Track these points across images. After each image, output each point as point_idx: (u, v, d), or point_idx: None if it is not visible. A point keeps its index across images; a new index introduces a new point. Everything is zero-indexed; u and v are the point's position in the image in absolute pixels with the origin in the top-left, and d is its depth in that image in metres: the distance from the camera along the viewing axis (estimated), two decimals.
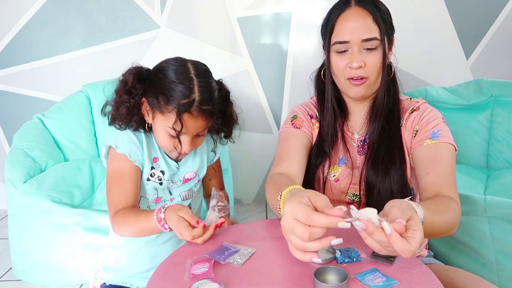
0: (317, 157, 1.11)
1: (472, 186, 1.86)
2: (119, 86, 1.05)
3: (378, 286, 0.70)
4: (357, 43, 0.99)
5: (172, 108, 0.98)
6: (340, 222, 0.65)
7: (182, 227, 0.89)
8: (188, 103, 0.97)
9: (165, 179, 1.10)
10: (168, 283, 0.76)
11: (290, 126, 1.14)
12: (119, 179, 1.04)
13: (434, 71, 2.41)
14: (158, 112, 1.01)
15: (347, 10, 1.01)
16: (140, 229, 0.98)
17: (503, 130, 2.05)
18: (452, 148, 0.98)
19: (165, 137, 1.03)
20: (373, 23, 0.99)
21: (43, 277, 1.82)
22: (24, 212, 1.74)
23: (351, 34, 0.99)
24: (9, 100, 2.53)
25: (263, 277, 0.76)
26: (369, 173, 1.04)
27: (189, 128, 1.00)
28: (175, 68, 1.00)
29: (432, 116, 1.03)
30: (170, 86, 0.98)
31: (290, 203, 0.70)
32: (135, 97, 1.03)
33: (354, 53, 0.99)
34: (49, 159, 1.96)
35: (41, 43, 2.45)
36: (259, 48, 2.44)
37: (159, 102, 0.99)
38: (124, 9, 2.40)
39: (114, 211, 1.02)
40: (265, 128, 2.57)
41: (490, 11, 2.33)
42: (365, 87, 1.03)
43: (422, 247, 1.14)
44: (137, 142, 1.06)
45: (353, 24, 0.99)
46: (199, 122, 1.01)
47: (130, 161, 1.04)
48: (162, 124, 1.01)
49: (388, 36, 1.03)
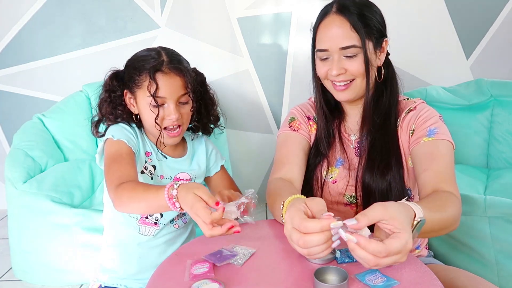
0: (315, 157, 1.12)
1: (472, 186, 1.86)
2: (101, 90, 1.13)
3: (378, 286, 0.70)
4: (336, 51, 0.99)
5: (145, 75, 1.03)
6: (332, 222, 0.67)
7: (200, 208, 0.78)
8: (158, 64, 1.02)
9: (155, 175, 1.10)
10: (168, 283, 0.76)
11: (288, 129, 1.14)
12: (118, 157, 1.01)
13: (434, 71, 2.41)
14: (136, 89, 1.05)
15: (326, 18, 1.01)
16: (146, 204, 0.89)
17: (503, 130, 2.05)
18: (449, 145, 0.98)
19: (148, 112, 1.04)
20: (352, 30, 0.97)
21: (43, 277, 1.82)
22: (24, 212, 1.74)
23: (330, 42, 1.00)
24: (9, 100, 2.53)
25: (263, 277, 0.76)
26: (365, 175, 1.04)
27: (166, 88, 1.02)
28: (142, 50, 1.09)
29: (429, 114, 1.03)
30: (140, 60, 1.05)
31: (288, 212, 0.74)
32: (115, 91, 1.09)
33: (334, 60, 1.00)
34: (49, 159, 1.96)
35: (41, 43, 2.45)
36: (259, 48, 2.44)
37: (134, 79, 1.04)
38: (124, 9, 2.40)
39: (116, 183, 0.93)
40: (265, 128, 2.57)
41: (490, 11, 2.33)
42: (350, 90, 1.03)
43: (422, 247, 1.14)
44: (132, 131, 1.09)
45: (331, 32, 1.00)
46: (174, 80, 1.03)
47: (128, 147, 1.04)
48: (143, 99, 1.04)
49: (374, 41, 1.00)
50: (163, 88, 1.02)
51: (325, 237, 0.68)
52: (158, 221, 1.11)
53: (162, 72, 1.02)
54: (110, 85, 1.10)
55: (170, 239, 1.15)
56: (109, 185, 0.96)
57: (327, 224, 0.67)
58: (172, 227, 1.15)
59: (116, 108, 1.10)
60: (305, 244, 0.68)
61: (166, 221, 1.12)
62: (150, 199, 0.87)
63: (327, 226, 0.67)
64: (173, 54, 1.08)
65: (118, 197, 0.92)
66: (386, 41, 1.04)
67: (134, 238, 1.12)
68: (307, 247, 0.69)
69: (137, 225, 1.11)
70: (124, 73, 1.10)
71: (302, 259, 0.80)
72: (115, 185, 0.93)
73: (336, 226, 0.67)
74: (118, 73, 1.12)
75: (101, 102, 1.12)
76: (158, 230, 1.12)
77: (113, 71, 1.12)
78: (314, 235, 0.68)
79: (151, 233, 1.12)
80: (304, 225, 0.69)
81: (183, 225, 1.18)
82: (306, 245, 0.69)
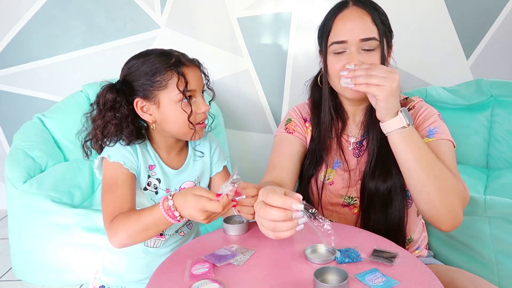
0: (311, 159, 1.11)
1: (472, 186, 1.86)
2: (96, 111, 1.01)
3: (378, 286, 0.70)
4: (355, 43, 0.97)
5: (170, 72, 0.97)
6: (294, 204, 0.71)
7: (205, 202, 0.80)
8: (177, 59, 0.98)
9: (160, 188, 1.05)
10: (168, 283, 0.76)
11: (284, 131, 1.14)
12: (113, 186, 0.95)
13: (434, 71, 2.41)
14: (159, 90, 0.97)
15: (345, 10, 1.00)
16: (143, 227, 0.86)
17: (503, 130, 2.05)
18: (450, 144, 0.98)
19: (179, 112, 0.97)
20: (372, 23, 0.97)
21: (43, 277, 1.82)
22: (24, 212, 1.74)
23: (349, 33, 0.97)
24: (9, 100, 2.53)
25: (263, 277, 0.76)
26: (366, 178, 1.03)
27: (194, 80, 0.98)
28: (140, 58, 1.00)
29: (428, 113, 1.03)
30: (150, 63, 0.97)
31: (262, 189, 0.77)
32: (120, 108, 0.99)
33: (352, 53, 0.97)
34: (49, 159, 1.96)
35: (41, 43, 2.45)
36: (259, 48, 2.44)
37: (155, 81, 0.96)
38: (124, 9, 2.40)
39: (110, 219, 0.89)
40: (265, 128, 2.57)
41: (490, 11, 2.33)
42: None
43: (422, 247, 1.14)
44: (130, 150, 1.00)
45: (351, 23, 0.98)
46: (197, 72, 1.01)
47: (125, 169, 0.97)
48: (169, 98, 0.97)
49: (387, 39, 1.02)
50: (192, 81, 0.98)
51: (284, 214, 0.71)
52: (163, 233, 1.09)
53: (186, 66, 0.98)
54: (112, 101, 0.98)
55: (177, 247, 1.12)
56: (104, 220, 0.93)
57: (290, 203, 0.71)
58: (178, 236, 1.13)
59: (123, 130, 0.99)
60: (265, 214, 0.72)
61: (172, 232, 1.10)
62: (146, 219, 0.86)
63: (289, 205, 0.71)
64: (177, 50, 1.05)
65: (113, 231, 0.88)
66: (393, 43, 1.05)
67: (141, 249, 1.09)
68: (267, 218, 0.72)
69: None
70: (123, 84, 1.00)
71: (302, 259, 0.80)
72: (109, 221, 0.90)
73: (297, 208, 0.71)
74: (113, 86, 1.00)
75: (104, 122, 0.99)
76: (164, 241, 1.10)
77: (107, 85, 1.00)
78: (274, 208, 0.71)
79: (157, 245, 1.09)
80: (270, 196, 0.72)
81: (189, 231, 1.15)
82: (266, 216, 0.72)
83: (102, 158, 1.00)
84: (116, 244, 0.88)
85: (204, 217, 0.83)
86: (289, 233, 0.72)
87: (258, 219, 0.76)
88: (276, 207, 0.72)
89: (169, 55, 0.99)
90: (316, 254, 0.81)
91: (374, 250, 0.81)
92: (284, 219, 0.71)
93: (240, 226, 0.93)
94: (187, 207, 0.82)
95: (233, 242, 0.89)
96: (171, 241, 1.11)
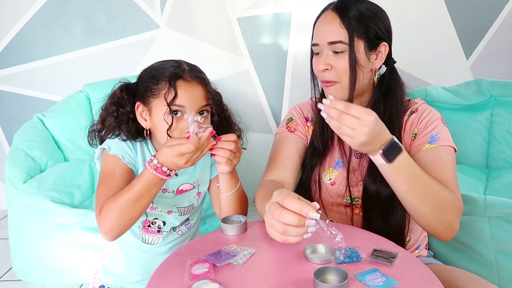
0: (312, 158, 1.11)
1: (472, 186, 1.86)
2: (107, 101, 1.04)
3: (378, 286, 0.70)
4: (325, 45, 1.00)
5: (164, 82, 0.95)
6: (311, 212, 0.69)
7: (178, 147, 0.85)
8: (179, 71, 0.97)
9: None
10: (168, 283, 0.76)
11: (285, 129, 1.14)
12: (109, 178, 0.97)
13: (434, 71, 2.41)
14: (153, 98, 0.97)
15: (323, 13, 1.03)
16: (136, 196, 0.88)
17: (503, 130, 2.05)
18: (451, 150, 0.98)
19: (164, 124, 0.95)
20: (341, 26, 0.98)
21: (43, 277, 1.82)
22: (24, 212, 1.74)
23: (320, 36, 1.01)
24: (9, 100, 2.53)
25: (263, 277, 0.76)
26: (368, 181, 1.03)
27: (186, 96, 0.94)
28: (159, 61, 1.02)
29: (430, 118, 1.02)
30: (158, 68, 0.99)
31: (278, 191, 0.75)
32: (123, 106, 1.01)
33: (324, 55, 1.01)
34: (49, 159, 1.96)
35: (41, 43, 2.45)
36: (259, 48, 2.44)
37: (151, 88, 0.97)
38: (124, 9, 2.40)
39: (100, 207, 0.92)
40: (265, 128, 2.57)
41: (490, 11, 2.33)
42: (335, 90, 1.01)
43: (422, 247, 1.14)
44: (130, 145, 1.03)
45: (321, 27, 1.02)
46: (196, 89, 0.96)
47: (124, 163, 0.99)
48: (159, 107, 0.96)
49: (369, 41, 0.99)
50: (183, 97, 0.94)
51: (298, 219, 0.70)
52: (161, 229, 1.09)
53: (184, 80, 0.95)
54: (119, 97, 1.02)
55: (175, 246, 1.13)
56: (95, 211, 0.94)
57: (307, 210, 0.70)
58: (176, 234, 1.13)
59: (121, 124, 1.01)
60: (279, 216, 0.71)
61: (169, 228, 1.10)
62: (138, 187, 0.89)
63: (305, 212, 0.70)
64: (194, 65, 1.03)
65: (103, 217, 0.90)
66: (385, 46, 1.01)
67: (139, 246, 1.10)
68: (280, 220, 0.71)
69: (140, 234, 1.09)
70: (136, 85, 1.03)
71: (302, 259, 0.80)
72: (98, 210, 0.92)
73: (313, 216, 0.70)
74: (129, 86, 1.04)
75: (107, 114, 1.03)
76: (162, 238, 1.10)
77: (124, 83, 1.04)
78: (290, 212, 0.70)
79: (155, 242, 1.10)
80: (288, 200, 0.71)
81: (187, 231, 1.15)
82: (280, 218, 0.71)
83: (102, 149, 1.03)
84: (107, 229, 0.90)
85: (184, 161, 0.87)
86: (297, 239, 0.72)
87: (268, 219, 0.74)
88: (291, 211, 0.71)
89: (174, 65, 0.98)
90: (316, 254, 0.81)
91: (374, 250, 0.82)
92: (297, 224, 0.70)
93: (237, 226, 0.93)
94: (167, 158, 0.87)
95: (232, 242, 0.89)
96: (168, 239, 1.12)
